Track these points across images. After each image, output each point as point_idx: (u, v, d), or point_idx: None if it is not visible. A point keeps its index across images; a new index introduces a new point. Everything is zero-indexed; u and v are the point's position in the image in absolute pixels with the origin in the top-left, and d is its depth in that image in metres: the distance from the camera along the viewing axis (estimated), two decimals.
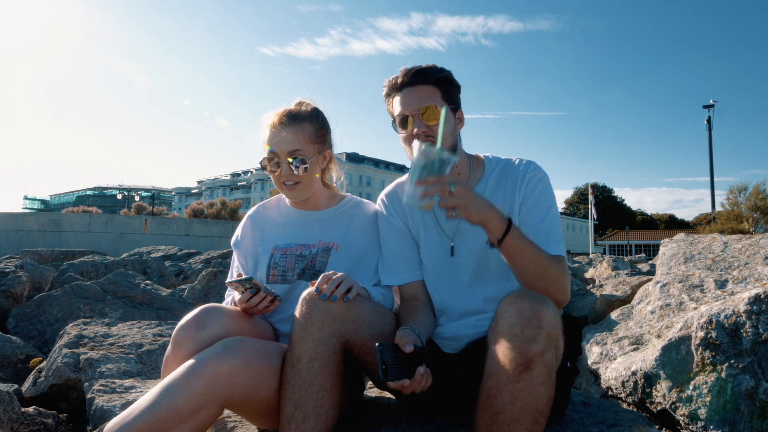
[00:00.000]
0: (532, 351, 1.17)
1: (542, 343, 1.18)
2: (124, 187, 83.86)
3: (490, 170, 1.61)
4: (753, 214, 15.50)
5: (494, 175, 1.60)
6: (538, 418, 1.19)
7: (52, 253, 6.71)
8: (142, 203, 45.81)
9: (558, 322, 1.23)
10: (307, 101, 1.74)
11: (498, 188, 1.58)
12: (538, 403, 1.18)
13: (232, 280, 1.53)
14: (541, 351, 1.18)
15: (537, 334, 1.18)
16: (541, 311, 1.21)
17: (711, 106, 18.52)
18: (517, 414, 1.18)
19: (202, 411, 1.25)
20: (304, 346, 1.32)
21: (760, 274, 2.04)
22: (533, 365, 1.17)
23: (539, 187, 1.54)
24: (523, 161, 1.60)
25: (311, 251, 1.71)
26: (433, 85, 1.51)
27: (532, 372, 1.17)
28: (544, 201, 1.53)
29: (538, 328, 1.19)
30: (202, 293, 4.25)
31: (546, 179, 1.56)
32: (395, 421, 1.57)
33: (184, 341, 1.38)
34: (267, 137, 1.65)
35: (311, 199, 1.74)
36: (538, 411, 1.18)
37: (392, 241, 1.66)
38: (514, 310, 1.23)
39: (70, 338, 2.20)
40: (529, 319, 1.20)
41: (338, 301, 1.34)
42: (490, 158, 1.64)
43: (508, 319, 1.23)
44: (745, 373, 1.47)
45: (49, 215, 16.07)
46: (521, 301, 1.25)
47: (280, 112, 1.66)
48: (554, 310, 1.24)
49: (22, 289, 3.64)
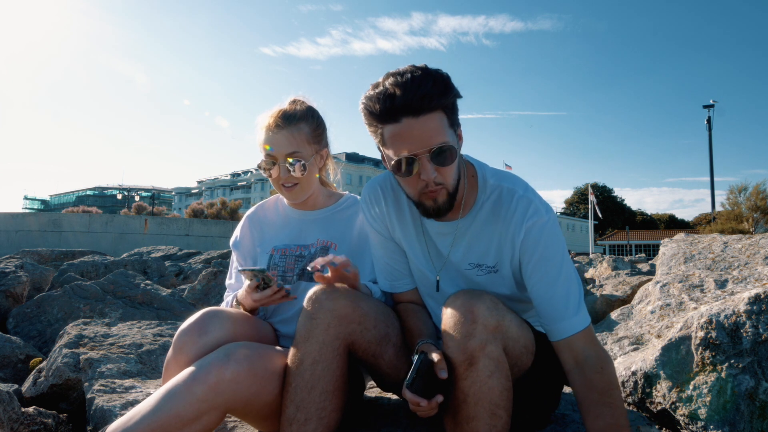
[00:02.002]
0: (472, 346, 1.18)
1: (480, 337, 1.18)
2: (124, 187, 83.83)
3: (482, 200, 1.37)
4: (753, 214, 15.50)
5: (486, 209, 1.37)
6: (495, 411, 1.18)
7: (52, 253, 6.71)
8: (142, 203, 45.78)
9: (497, 315, 1.21)
10: (301, 99, 1.72)
11: (485, 228, 1.37)
12: (492, 396, 1.17)
13: (246, 268, 1.52)
14: (481, 345, 1.18)
15: (473, 330, 1.18)
16: (474, 306, 1.21)
17: (711, 106, 18.53)
18: (472, 411, 1.18)
19: (204, 417, 1.25)
20: (308, 347, 1.30)
21: (760, 274, 2.05)
22: (476, 360, 1.17)
23: (543, 239, 1.29)
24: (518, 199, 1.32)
25: (310, 251, 1.70)
26: (441, 110, 1.19)
27: (477, 367, 1.17)
28: (551, 258, 1.29)
29: (472, 323, 1.19)
30: (202, 293, 4.25)
31: (548, 225, 1.30)
32: (395, 421, 1.57)
33: (185, 346, 1.37)
34: (263, 139, 1.63)
35: (309, 199, 1.73)
36: (494, 404, 1.17)
37: (378, 247, 1.55)
38: (450, 311, 1.24)
39: (70, 338, 2.20)
40: (463, 316, 1.20)
41: (344, 302, 1.33)
42: (485, 182, 1.38)
43: (447, 321, 1.24)
44: (745, 373, 1.48)
45: (49, 215, 16.07)
46: (456, 301, 1.25)
47: (275, 113, 1.63)
48: (490, 303, 1.22)
49: (22, 289, 3.64)
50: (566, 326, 1.28)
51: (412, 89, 1.15)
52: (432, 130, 1.18)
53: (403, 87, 1.15)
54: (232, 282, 1.81)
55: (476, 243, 1.40)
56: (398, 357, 1.45)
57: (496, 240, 1.36)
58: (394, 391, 1.57)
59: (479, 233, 1.38)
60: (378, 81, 1.22)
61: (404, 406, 1.65)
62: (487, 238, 1.37)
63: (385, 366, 1.44)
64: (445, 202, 1.28)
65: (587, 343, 1.28)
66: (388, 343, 1.42)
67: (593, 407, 1.22)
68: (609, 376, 1.24)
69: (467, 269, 1.42)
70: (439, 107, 1.18)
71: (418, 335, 1.39)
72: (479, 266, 1.40)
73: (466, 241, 1.41)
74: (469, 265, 1.42)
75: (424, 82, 1.16)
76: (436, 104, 1.17)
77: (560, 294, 1.28)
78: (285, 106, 1.68)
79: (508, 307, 1.30)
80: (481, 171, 1.40)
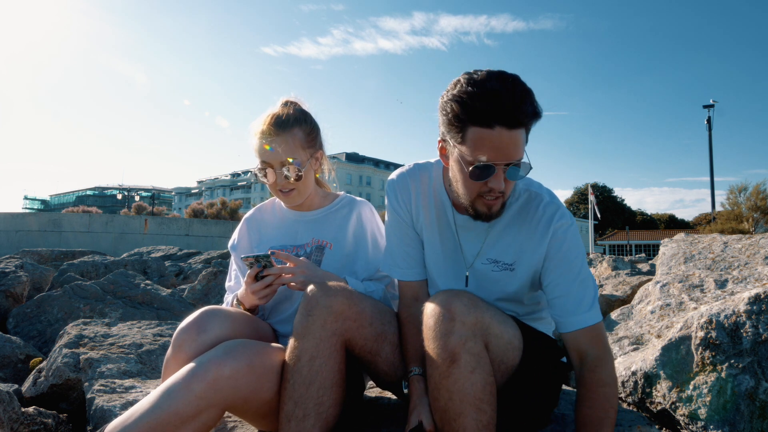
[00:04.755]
0: (452, 343, 1.20)
1: (459, 334, 1.21)
2: (124, 187, 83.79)
3: (510, 202, 1.41)
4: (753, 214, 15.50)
5: (512, 210, 1.43)
6: (480, 406, 1.20)
7: (52, 253, 6.70)
8: (142, 203, 45.78)
9: (475, 311, 1.24)
10: (293, 100, 1.72)
11: (510, 228, 1.43)
12: (475, 392, 1.19)
13: (248, 254, 1.54)
14: (461, 341, 1.20)
15: (451, 327, 1.21)
16: (451, 303, 1.24)
17: (711, 106, 18.52)
18: (458, 408, 1.19)
19: (203, 414, 1.25)
20: (305, 343, 1.31)
21: (760, 274, 2.05)
22: (457, 357, 1.20)
23: (566, 243, 1.37)
24: (546, 204, 1.40)
25: (306, 250, 1.72)
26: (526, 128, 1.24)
27: (459, 363, 1.19)
28: (574, 260, 1.37)
29: (450, 321, 1.22)
30: (202, 293, 4.25)
31: (573, 229, 1.39)
32: (395, 421, 1.57)
33: (184, 344, 1.38)
34: (258, 147, 1.62)
35: (306, 200, 1.74)
36: (478, 399, 1.19)
37: (396, 232, 1.56)
38: (430, 310, 1.27)
39: (70, 338, 2.20)
40: (441, 314, 1.23)
41: (340, 299, 1.34)
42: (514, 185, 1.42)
43: (427, 321, 1.27)
44: (745, 373, 1.48)
45: (49, 215, 16.07)
46: (435, 299, 1.29)
47: (268, 119, 1.62)
48: (467, 300, 1.25)
49: (22, 289, 3.64)
50: (576, 320, 1.35)
51: (514, 100, 1.16)
52: (517, 145, 1.20)
53: (509, 97, 1.16)
54: (232, 284, 1.81)
55: (498, 241, 1.45)
56: (395, 355, 1.47)
57: (519, 240, 1.42)
58: (391, 389, 1.58)
59: (502, 232, 1.44)
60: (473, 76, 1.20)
61: (404, 406, 1.65)
62: (510, 238, 1.43)
63: (382, 363, 1.46)
64: (499, 212, 1.34)
65: (592, 340, 1.34)
66: (385, 341, 1.44)
67: (582, 399, 1.31)
68: (601, 375, 1.30)
69: (484, 264, 1.47)
70: (529, 123, 1.21)
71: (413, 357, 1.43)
72: (496, 262, 1.46)
73: (489, 238, 1.46)
74: (487, 260, 1.47)
75: (527, 98, 1.18)
76: (527, 123, 1.20)
77: (575, 292, 1.36)
78: (277, 109, 1.66)
79: (489, 304, 1.34)
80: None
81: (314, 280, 1.45)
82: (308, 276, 1.51)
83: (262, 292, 1.54)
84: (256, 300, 1.56)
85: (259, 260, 1.51)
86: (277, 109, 1.66)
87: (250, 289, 1.54)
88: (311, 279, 1.48)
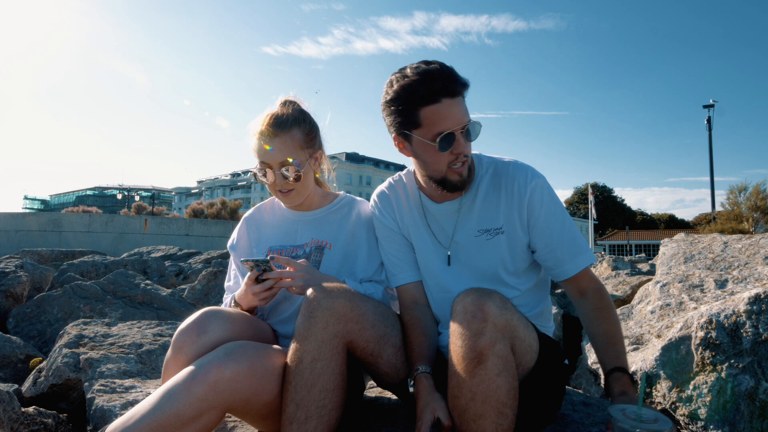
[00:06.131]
0: (481, 344, 1.18)
1: (489, 335, 1.19)
2: (124, 187, 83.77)
3: (480, 175, 1.53)
4: (753, 214, 15.48)
5: (485, 182, 1.53)
6: (502, 410, 1.19)
7: (52, 253, 6.71)
8: (142, 203, 45.79)
9: (506, 314, 1.24)
10: (292, 99, 1.71)
11: (488, 197, 1.52)
12: (499, 395, 1.18)
13: (248, 258, 1.53)
14: (490, 343, 1.19)
15: (483, 327, 1.20)
16: (485, 304, 1.22)
17: (711, 106, 18.51)
18: (480, 409, 1.18)
19: (204, 416, 1.24)
20: (307, 346, 1.31)
21: (760, 274, 2.05)
22: (485, 358, 1.18)
23: (545, 199, 1.47)
24: (515, 167, 1.50)
25: (305, 250, 1.71)
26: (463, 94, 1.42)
27: (486, 365, 1.18)
28: (556, 212, 1.47)
29: (483, 321, 1.20)
30: (202, 293, 4.25)
31: (546, 185, 1.49)
32: (395, 421, 1.57)
33: (185, 346, 1.37)
34: (257, 147, 1.62)
35: (305, 200, 1.73)
36: (501, 403, 1.18)
37: (386, 242, 1.65)
38: (461, 308, 1.26)
39: (70, 338, 2.20)
40: (473, 314, 1.22)
41: (342, 301, 1.34)
42: (479, 160, 1.55)
43: (456, 317, 1.25)
44: (745, 373, 1.48)
45: (49, 215, 16.04)
46: (467, 298, 1.27)
47: (266, 119, 1.61)
48: (500, 302, 1.25)
49: (22, 289, 3.64)
50: (572, 266, 1.47)
51: (448, 75, 1.34)
52: (463, 110, 1.37)
53: (442, 75, 1.34)
54: (231, 284, 1.81)
55: (483, 212, 1.52)
56: (397, 357, 1.46)
57: (502, 205, 1.50)
58: (393, 390, 1.58)
59: (483, 203, 1.52)
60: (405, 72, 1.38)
61: (404, 406, 1.65)
62: (492, 205, 1.51)
63: (384, 366, 1.45)
64: (469, 176, 1.46)
65: (590, 279, 1.49)
66: (387, 343, 1.43)
67: (594, 320, 1.44)
68: (606, 301, 1.46)
69: (476, 236, 1.52)
70: (464, 91, 1.38)
71: (418, 357, 1.44)
72: (487, 231, 1.52)
73: (473, 213, 1.53)
74: (478, 232, 1.52)
75: (452, 70, 1.37)
76: (463, 88, 1.37)
77: (567, 239, 1.47)
78: (276, 109, 1.65)
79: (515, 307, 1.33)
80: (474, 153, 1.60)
81: (314, 283, 1.44)
82: (308, 280, 1.51)
83: (262, 294, 1.54)
84: (256, 301, 1.56)
85: (259, 264, 1.51)
86: (275, 109, 1.66)
87: (251, 291, 1.53)
88: (310, 283, 1.48)
